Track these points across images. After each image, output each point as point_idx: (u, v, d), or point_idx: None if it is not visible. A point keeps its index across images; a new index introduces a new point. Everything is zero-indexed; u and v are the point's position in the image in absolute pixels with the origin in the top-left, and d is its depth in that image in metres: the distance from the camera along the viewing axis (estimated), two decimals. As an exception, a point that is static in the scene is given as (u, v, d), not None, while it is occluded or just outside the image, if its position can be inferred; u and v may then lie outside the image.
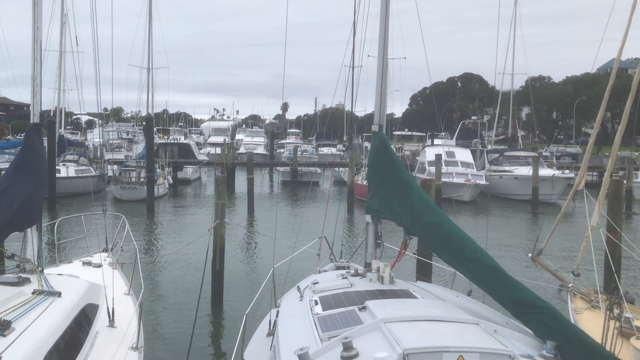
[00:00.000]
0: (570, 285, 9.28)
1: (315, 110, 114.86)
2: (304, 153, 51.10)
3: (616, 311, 6.04)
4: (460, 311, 4.78)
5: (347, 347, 3.90)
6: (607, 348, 5.54)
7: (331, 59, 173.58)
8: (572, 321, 8.20)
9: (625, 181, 29.05)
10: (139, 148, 38.83)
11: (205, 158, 44.97)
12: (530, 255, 10.83)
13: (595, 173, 34.78)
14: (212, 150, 48.38)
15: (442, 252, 5.61)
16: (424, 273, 10.37)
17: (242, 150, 55.96)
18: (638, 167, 34.24)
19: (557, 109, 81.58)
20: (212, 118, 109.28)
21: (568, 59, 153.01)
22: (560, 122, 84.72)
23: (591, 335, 5.48)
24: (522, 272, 15.40)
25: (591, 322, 7.69)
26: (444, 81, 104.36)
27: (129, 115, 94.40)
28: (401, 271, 9.79)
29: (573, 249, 16.91)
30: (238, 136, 72.65)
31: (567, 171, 32.76)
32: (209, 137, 70.20)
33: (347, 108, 39.27)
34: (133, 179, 30.33)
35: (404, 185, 6.22)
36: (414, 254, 10.13)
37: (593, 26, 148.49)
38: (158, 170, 31.02)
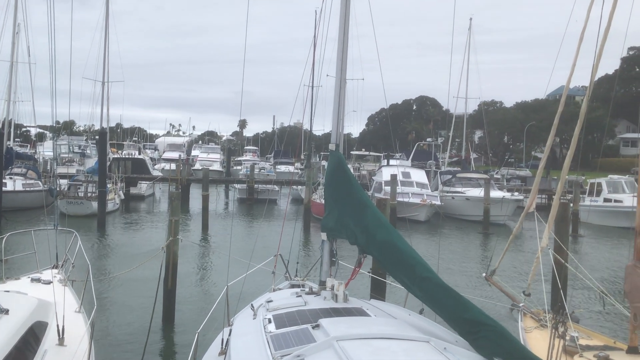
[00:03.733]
0: (521, 304, 9.49)
1: (273, 128, 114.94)
2: (262, 170, 50.89)
3: (561, 330, 6.22)
4: (412, 329, 4.83)
5: (299, 365, 3.89)
6: (550, 363, 5.69)
7: (291, 78, 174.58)
8: (522, 340, 8.39)
9: (572, 204, 30.19)
10: (92, 162, 37.92)
11: (160, 174, 44.23)
12: (484, 274, 11.06)
13: (544, 196, 35.90)
14: (167, 166, 47.70)
15: (394, 270, 5.67)
16: (378, 291, 10.44)
17: (197, 166, 55.24)
18: (584, 191, 35.48)
19: (508, 133, 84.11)
20: (168, 133, 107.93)
21: (519, 84, 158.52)
22: (511, 146, 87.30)
23: (538, 354, 5.63)
24: (476, 291, 15.68)
25: (539, 340, 7.87)
26: (399, 103, 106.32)
27: (82, 128, 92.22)
28: (355, 289, 9.83)
29: (523, 269, 17.33)
30: (194, 152, 71.82)
31: (516, 193, 33.70)
32: (163, 152, 69.18)
33: (306, 126, 39.50)
34: (81, 194, 29.62)
35: (360, 204, 6.27)
36: (368, 272, 10.20)
37: (543, 55, 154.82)
38: (109, 186, 30.34)
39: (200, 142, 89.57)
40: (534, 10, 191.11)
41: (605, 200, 34.34)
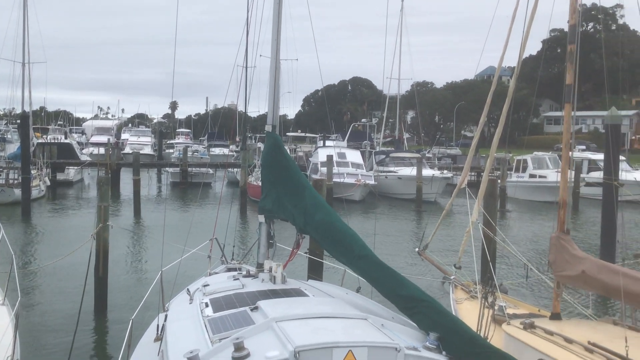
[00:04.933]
0: (452, 277, 9.82)
1: (206, 110, 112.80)
2: (195, 153, 49.92)
3: (490, 300, 6.48)
4: (350, 307, 4.88)
5: (238, 347, 3.85)
6: (482, 334, 5.92)
7: (226, 59, 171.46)
8: (453, 311, 8.69)
9: (499, 181, 31.43)
10: (13, 148, 35.99)
11: (88, 159, 42.58)
12: (417, 250, 11.35)
13: (474, 173, 37.16)
14: (95, 150, 45.95)
15: (333, 250, 5.70)
16: (315, 272, 10.51)
17: (127, 150, 53.54)
18: (511, 168, 36.97)
19: (439, 113, 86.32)
20: (96, 117, 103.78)
21: (449, 66, 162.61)
22: (442, 125, 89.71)
23: (469, 323, 5.84)
24: (410, 266, 16.11)
25: (470, 311, 8.18)
26: (335, 84, 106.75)
27: (1, 112, 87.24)
28: (293, 271, 9.81)
29: (454, 244, 17.90)
30: (123, 136, 69.52)
31: (445, 171, 34.72)
32: (91, 136, 66.55)
33: (240, 108, 38.98)
34: (2, 181, 28.15)
35: (297, 185, 6.24)
36: (305, 253, 10.23)
37: (472, 36, 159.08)
38: (33, 172, 28.94)
39: (130, 125, 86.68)
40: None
41: (531, 176, 35.96)
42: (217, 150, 56.54)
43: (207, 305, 5.23)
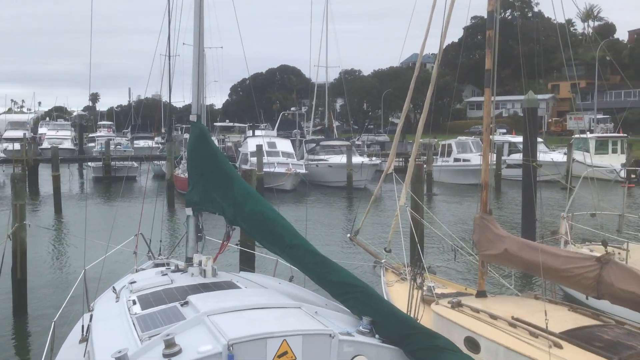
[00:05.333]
0: (383, 261, 10.02)
1: (129, 101, 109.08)
2: (118, 146, 48.19)
3: (419, 281, 6.64)
4: (283, 297, 4.86)
5: (169, 344, 3.74)
6: (412, 315, 6.06)
7: (148, 48, 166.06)
8: (384, 294, 8.86)
9: (425, 165, 32.30)
10: None
11: (2, 155, 40.24)
12: (348, 235, 11.49)
13: (401, 159, 37.97)
14: (10, 146, 43.46)
15: (264, 240, 5.65)
16: (247, 263, 10.42)
17: (45, 145, 51.00)
18: (436, 152, 38.03)
19: (367, 101, 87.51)
20: (9, 110, 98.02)
21: (375, 53, 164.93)
22: (370, 113, 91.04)
23: (400, 305, 5.95)
24: (342, 252, 16.28)
25: (400, 293, 8.35)
26: (264, 73, 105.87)
27: None
28: (225, 263, 9.69)
29: (384, 228, 18.24)
30: (41, 130, 66.07)
31: (374, 158, 35.34)
32: (5, 131, 62.85)
33: (164, 98, 37.95)
34: None
35: (225, 176, 6.13)
36: (236, 245, 10.11)
37: (396, 24, 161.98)
38: None
39: (47, 118, 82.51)
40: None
41: (455, 160, 37.15)
42: (141, 143, 54.82)
43: (134, 303, 5.06)
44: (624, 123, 41.58)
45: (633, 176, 31.40)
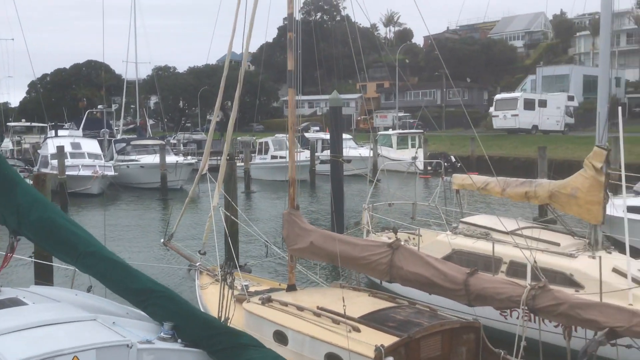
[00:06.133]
0: (197, 264, 9.89)
1: None
2: None
3: (230, 280, 6.68)
4: (77, 310, 4.55)
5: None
6: (224, 316, 6.07)
7: None
8: (198, 297, 8.75)
9: (243, 163, 32.54)
10: None
11: None
12: (162, 240, 11.13)
13: (218, 158, 37.72)
14: None
15: (54, 250, 5.21)
16: (44, 276, 9.55)
17: None
18: (254, 150, 38.48)
19: (183, 98, 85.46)
20: None
21: (190, 50, 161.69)
22: (186, 111, 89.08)
23: (214, 307, 5.92)
24: (157, 256, 15.73)
25: (214, 295, 8.30)
26: (68, 68, 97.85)
27: None
28: (15, 278, 8.79)
29: (201, 230, 18.02)
30: None
31: (190, 157, 34.61)
32: None
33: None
34: None
35: (5, 181, 5.51)
36: (30, 257, 9.21)
37: (212, 21, 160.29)
38: None
39: None
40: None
41: (273, 157, 37.94)
42: None
43: None
44: (421, 120, 45.93)
45: (429, 168, 35.00)
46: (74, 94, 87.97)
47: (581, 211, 9.50)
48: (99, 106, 50.51)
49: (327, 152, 36.62)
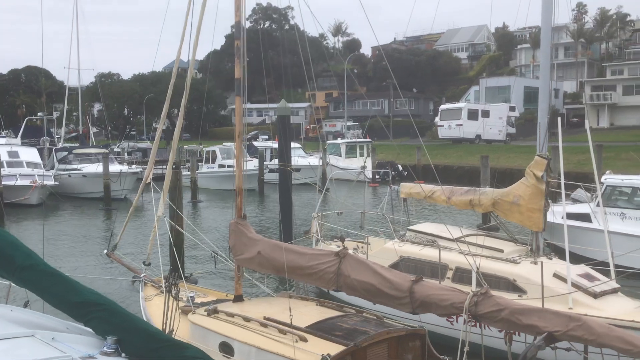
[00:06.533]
0: (142, 275, 9.65)
1: None
2: None
3: (174, 292, 6.54)
4: (13, 326, 4.34)
5: None
6: (168, 327, 5.94)
7: None
8: (142, 309, 8.52)
9: (189, 172, 32.04)
10: None
11: None
12: (105, 251, 10.81)
13: (164, 166, 37.01)
14: None
15: None
16: (-26, 292, 9.08)
17: None
18: (201, 159, 37.97)
19: (128, 106, 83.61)
20: None
21: (135, 57, 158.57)
22: (131, 118, 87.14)
23: (158, 319, 5.77)
24: (100, 268, 15.26)
25: (159, 306, 8.09)
26: (5, 74, 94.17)
27: None
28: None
29: (146, 240, 17.63)
30: None
31: (134, 166, 33.83)
32: None
33: None
34: None
35: None
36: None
37: (157, 28, 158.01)
38: None
39: None
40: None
41: (220, 166, 37.51)
42: None
43: None
44: (369, 129, 46.50)
45: (377, 177, 35.44)
46: (12, 100, 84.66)
47: (523, 218, 9.81)
48: (39, 113, 48.76)
49: (276, 161, 36.61)
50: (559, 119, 9.34)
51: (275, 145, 40.89)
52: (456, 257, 9.05)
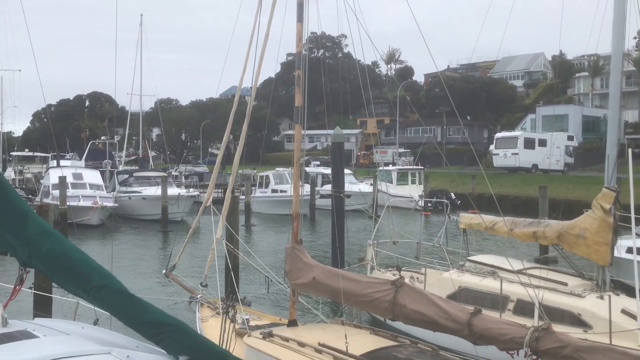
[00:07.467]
0: (199, 296, 9.86)
1: None
2: None
3: (231, 314, 6.67)
4: (89, 343, 4.53)
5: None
6: (226, 349, 6.05)
7: None
8: (199, 330, 8.70)
9: (244, 196, 32.59)
10: None
11: None
12: (164, 272, 11.11)
13: (220, 190, 37.82)
14: None
15: (66, 282, 5.20)
16: (43, 308, 9.48)
17: None
18: (255, 183, 38.60)
19: (186, 131, 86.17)
20: None
21: (193, 84, 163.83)
22: (188, 143, 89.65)
23: (214, 340, 5.90)
24: (158, 288, 15.65)
25: (215, 328, 8.24)
26: (71, 99, 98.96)
27: None
28: (16, 310, 8.69)
29: (203, 262, 17.99)
30: None
31: (191, 189, 34.69)
32: None
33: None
34: None
35: (16, 213, 5.54)
36: (30, 288, 9.19)
37: (215, 57, 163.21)
38: None
39: None
40: (206, 13, 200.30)
41: (273, 191, 38.02)
42: None
43: None
44: (421, 156, 46.23)
45: (429, 205, 35.04)
46: (77, 124, 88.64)
47: (589, 251, 9.50)
48: (102, 137, 50.87)
49: (328, 187, 36.79)
50: (629, 150, 9.08)
51: (327, 171, 41.18)
52: (518, 288, 8.84)
